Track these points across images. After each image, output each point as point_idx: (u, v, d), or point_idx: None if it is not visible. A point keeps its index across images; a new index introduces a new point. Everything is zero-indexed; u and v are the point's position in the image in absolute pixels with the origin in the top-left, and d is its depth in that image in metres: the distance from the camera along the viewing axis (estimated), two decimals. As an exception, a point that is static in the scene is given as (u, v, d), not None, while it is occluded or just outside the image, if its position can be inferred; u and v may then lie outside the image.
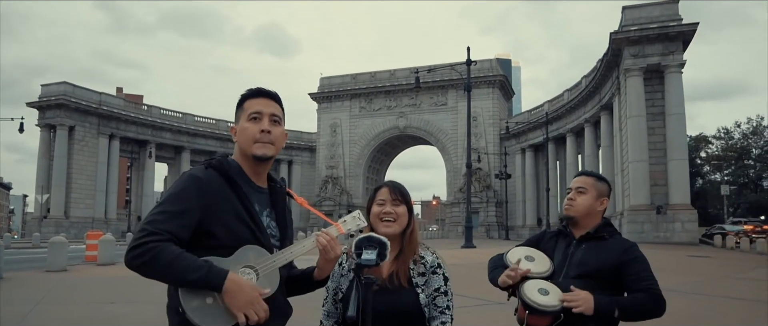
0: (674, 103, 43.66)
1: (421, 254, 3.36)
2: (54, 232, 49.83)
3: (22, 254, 33.28)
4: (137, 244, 2.52)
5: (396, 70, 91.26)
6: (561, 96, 71.66)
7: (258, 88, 3.04)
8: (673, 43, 43.89)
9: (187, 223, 2.66)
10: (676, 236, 41.12)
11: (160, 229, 2.57)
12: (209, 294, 2.57)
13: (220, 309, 2.58)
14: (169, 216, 2.63)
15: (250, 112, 2.95)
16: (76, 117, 67.69)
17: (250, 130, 2.92)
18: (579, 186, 3.82)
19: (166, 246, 2.52)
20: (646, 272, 3.52)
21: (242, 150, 2.96)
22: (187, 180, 2.77)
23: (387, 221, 3.31)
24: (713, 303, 12.68)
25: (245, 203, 2.84)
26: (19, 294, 13.82)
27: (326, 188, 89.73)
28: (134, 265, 2.54)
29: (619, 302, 3.39)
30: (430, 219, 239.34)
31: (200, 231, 2.71)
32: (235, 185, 2.84)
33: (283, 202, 3.14)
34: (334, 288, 3.33)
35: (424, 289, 3.24)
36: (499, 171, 73.28)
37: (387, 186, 3.43)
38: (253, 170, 2.99)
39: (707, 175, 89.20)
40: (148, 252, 2.49)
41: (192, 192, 2.72)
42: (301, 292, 3.14)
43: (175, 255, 2.51)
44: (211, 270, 2.55)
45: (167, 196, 2.72)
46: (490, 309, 10.10)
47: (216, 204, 2.75)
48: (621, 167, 49.92)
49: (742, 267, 22.12)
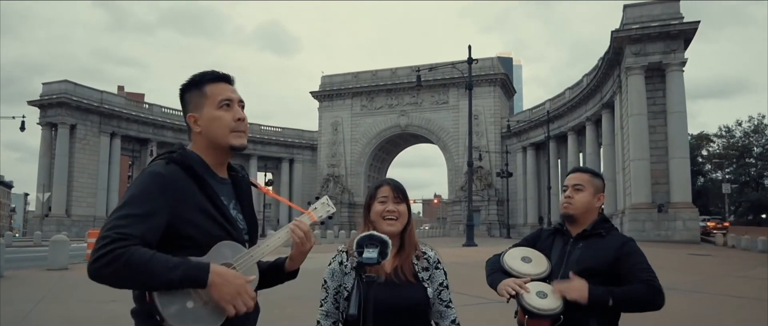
0: (675, 102, 43.65)
1: (423, 250, 3.39)
2: (55, 231, 49.80)
3: (24, 252, 33.28)
4: (102, 254, 2.25)
5: (397, 69, 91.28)
6: (562, 94, 71.60)
7: (217, 72, 2.83)
8: (675, 42, 43.87)
9: (155, 226, 2.42)
10: (678, 234, 41.09)
11: (126, 234, 2.30)
12: (188, 297, 2.38)
13: (202, 311, 2.40)
14: (133, 219, 2.37)
15: (219, 98, 2.74)
16: (77, 115, 67.73)
17: (224, 118, 2.72)
18: (576, 184, 3.78)
19: (135, 249, 2.27)
20: (643, 264, 3.49)
21: (214, 140, 2.73)
22: (148, 178, 2.53)
23: (390, 219, 3.31)
24: (714, 301, 12.68)
25: (212, 198, 2.64)
26: (19, 293, 13.83)
27: (328, 187, 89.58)
28: (102, 276, 2.27)
29: (613, 291, 3.35)
30: (431, 217, 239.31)
31: (171, 232, 2.49)
32: (200, 179, 2.63)
33: (247, 193, 2.94)
34: (336, 287, 3.29)
35: (429, 284, 3.27)
36: (500, 169, 73.27)
37: (388, 184, 3.42)
38: (218, 161, 2.80)
39: (709, 174, 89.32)
40: (116, 260, 2.23)
41: (156, 191, 2.48)
42: (270, 285, 2.95)
43: (148, 257, 2.27)
44: (191, 265, 2.34)
45: (129, 197, 2.47)
46: (491, 307, 10.10)
47: (182, 201, 2.53)
48: (622, 165, 49.89)
49: (743, 266, 22.14)
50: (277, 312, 9.98)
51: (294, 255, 2.86)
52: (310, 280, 5.53)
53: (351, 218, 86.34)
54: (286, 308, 10.41)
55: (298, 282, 3.35)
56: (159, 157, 2.71)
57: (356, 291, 2.98)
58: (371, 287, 2.97)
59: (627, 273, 3.47)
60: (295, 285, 3.39)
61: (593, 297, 3.32)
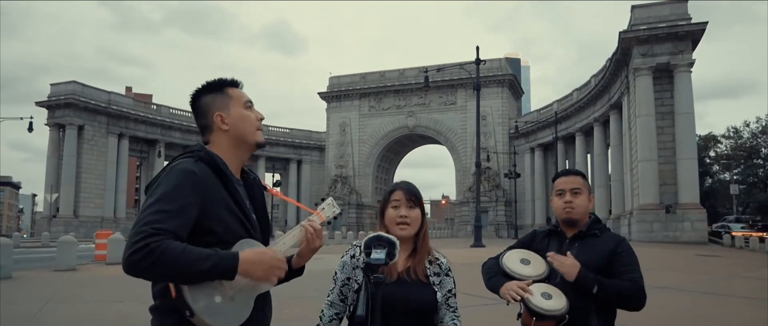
0: (683, 103, 43.61)
1: (436, 256, 3.44)
2: (63, 231, 49.98)
3: (32, 253, 33.35)
4: (139, 248, 2.31)
5: (405, 70, 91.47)
6: (570, 95, 71.59)
7: (234, 79, 2.96)
8: (683, 43, 43.83)
9: (187, 221, 2.49)
10: (686, 235, 41.02)
11: (160, 229, 2.37)
12: (216, 291, 2.44)
13: (230, 305, 2.48)
14: (167, 215, 2.43)
15: (245, 99, 2.89)
16: (85, 116, 67.97)
17: (251, 117, 2.87)
18: (575, 188, 3.80)
19: (169, 243, 2.33)
20: (632, 265, 3.57)
21: (242, 136, 2.86)
22: (180, 175, 2.58)
23: (402, 224, 3.33)
24: (720, 301, 12.65)
25: (236, 196, 2.73)
26: (27, 294, 13.85)
27: (335, 187, 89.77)
28: (139, 269, 2.34)
29: (601, 280, 3.43)
30: (439, 218, 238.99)
31: (197, 228, 2.55)
32: (225, 178, 2.72)
33: (259, 194, 3.01)
34: (344, 279, 3.34)
35: (439, 288, 3.31)
36: (508, 170, 73.16)
37: (402, 188, 3.43)
38: (238, 161, 2.90)
39: (716, 175, 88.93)
40: (152, 253, 2.29)
41: (188, 188, 2.54)
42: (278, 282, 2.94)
43: (181, 250, 2.34)
44: (222, 255, 2.42)
45: (162, 193, 2.51)
46: (496, 309, 10.06)
47: (210, 199, 2.61)
48: (630, 166, 49.84)
49: (751, 266, 22.08)
50: (285, 313, 9.99)
51: (303, 252, 2.89)
52: (315, 280, 5.56)
53: (359, 219, 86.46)
54: (293, 308, 10.42)
55: (303, 282, 3.37)
56: (183, 155, 2.76)
57: (364, 292, 2.99)
58: (379, 288, 2.98)
59: (617, 270, 3.53)
60: (301, 284, 3.41)
61: (580, 278, 3.41)
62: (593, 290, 3.40)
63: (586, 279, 3.41)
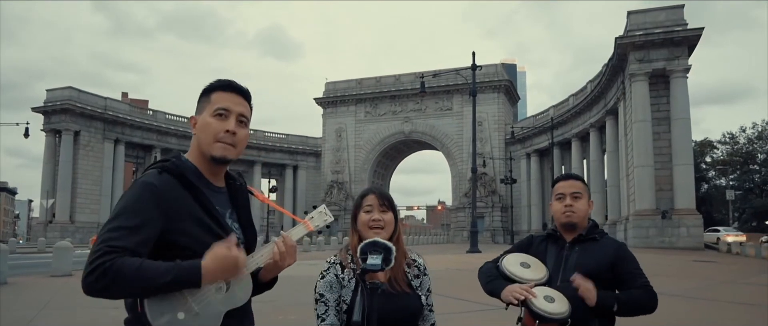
0: (679, 108, 43.68)
1: (412, 257, 3.41)
2: (59, 237, 50.01)
3: (27, 259, 33.32)
4: (93, 268, 2.24)
5: (401, 75, 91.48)
6: (566, 101, 71.67)
7: (230, 82, 2.78)
8: (679, 48, 43.89)
9: (146, 238, 2.40)
10: (682, 241, 41.03)
11: (115, 247, 2.29)
12: (180, 308, 2.36)
13: (193, 321, 2.39)
14: (125, 232, 2.35)
15: (217, 106, 2.68)
16: (81, 122, 67.89)
17: (212, 126, 2.65)
18: (575, 192, 3.78)
19: (124, 259, 2.26)
20: (639, 270, 3.60)
21: (200, 146, 2.69)
22: (140, 189, 2.48)
23: (376, 228, 3.28)
24: (717, 307, 12.67)
25: (207, 207, 2.60)
26: (23, 299, 13.85)
27: (331, 193, 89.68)
28: (96, 290, 2.26)
29: (618, 297, 3.44)
30: (435, 224, 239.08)
31: (162, 243, 2.46)
32: (194, 189, 2.59)
33: (245, 201, 2.90)
34: (335, 299, 3.20)
35: (421, 291, 3.29)
36: (504, 176, 73.26)
37: (373, 193, 3.38)
38: (211, 170, 2.74)
39: (712, 180, 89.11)
40: (108, 272, 2.22)
41: (148, 203, 2.44)
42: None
43: (137, 266, 2.26)
44: (183, 266, 2.33)
45: (120, 209, 2.43)
46: (492, 314, 10.09)
47: (175, 212, 2.49)
48: (626, 172, 49.87)
49: (747, 272, 22.07)
50: (281, 318, 9.99)
51: (269, 267, 2.74)
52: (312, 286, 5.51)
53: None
54: (288, 315, 10.42)
55: (299, 289, 3.37)
56: (152, 166, 2.67)
57: (360, 299, 2.96)
58: (375, 294, 2.97)
59: (626, 278, 3.55)
60: (299, 291, 3.40)
61: (600, 301, 3.39)
62: (614, 308, 3.41)
63: (605, 300, 3.40)
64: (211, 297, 2.44)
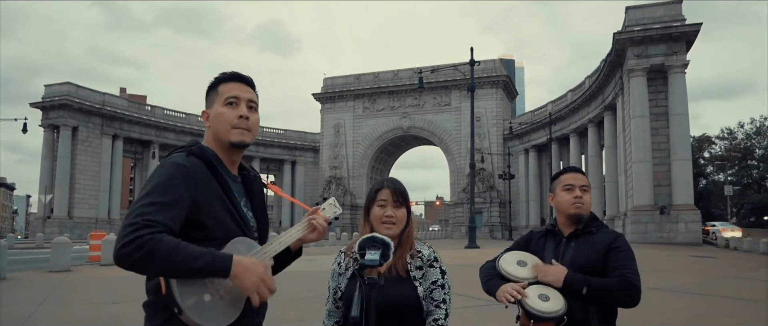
0: (678, 104, 43.75)
1: (418, 248, 3.36)
2: (57, 233, 49.93)
3: (26, 254, 33.31)
4: (130, 239, 2.25)
5: (399, 71, 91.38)
6: (564, 96, 71.69)
7: (233, 72, 2.89)
8: (677, 44, 43.96)
9: (179, 215, 2.44)
10: (680, 236, 41.16)
11: (153, 221, 2.31)
12: (206, 290, 2.41)
13: (219, 304, 2.44)
14: (159, 207, 2.38)
15: (226, 96, 2.79)
16: (79, 117, 67.85)
17: (226, 114, 2.76)
18: (584, 184, 3.78)
19: (162, 237, 2.28)
20: (625, 261, 3.50)
21: (218, 136, 2.78)
22: (172, 168, 2.54)
23: (388, 224, 3.29)
24: (715, 303, 12.66)
25: (228, 192, 2.69)
26: (22, 295, 13.83)
27: (330, 188, 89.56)
28: (131, 261, 2.27)
29: (589, 281, 3.39)
30: (433, 219, 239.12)
31: (189, 223, 2.51)
32: (217, 173, 2.67)
33: (259, 192, 2.98)
34: (334, 287, 3.33)
35: (421, 282, 3.24)
36: (502, 171, 73.19)
37: (388, 187, 3.37)
38: (229, 158, 2.83)
39: (711, 176, 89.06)
40: (145, 246, 2.24)
41: (179, 181, 2.49)
42: (279, 269, 2.90)
43: (175, 244, 2.28)
44: (216, 255, 2.36)
45: (153, 186, 2.47)
46: (491, 309, 10.08)
47: (202, 193, 2.56)
48: (624, 167, 49.88)
49: (745, 268, 22.09)
50: (279, 313, 9.98)
51: (304, 237, 2.88)
52: (311, 281, 5.56)
53: (353, 220, 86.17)
54: (288, 311, 10.41)
55: (298, 284, 3.39)
56: (176, 150, 2.72)
57: (358, 293, 2.98)
58: (373, 289, 2.97)
59: (610, 267, 3.49)
60: (297, 286, 3.42)
61: (568, 282, 3.38)
62: (582, 291, 3.37)
63: (574, 281, 3.38)
64: (233, 285, 2.46)
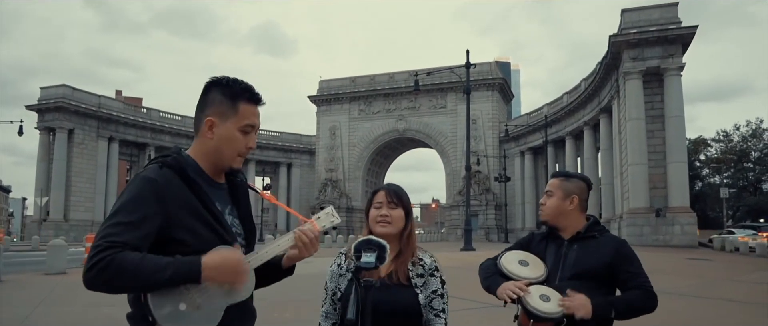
0: (673, 106, 43.73)
1: (420, 256, 3.36)
2: (53, 235, 49.87)
3: (22, 257, 33.23)
4: (94, 263, 2.26)
5: (395, 73, 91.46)
6: (560, 99, 71.61)
7: (254, 92, 2.76)
8: (673, 46, 43.97)
9: (146, 233, 2.42)
10: (676, 239, 41.12)
11: (116, 242, 2.31)
12: (181, 299, 2.39)
13: (195, 314, 2.42)
14: (124, 227, 2.37)
15: (244, 122, 2.70)
16: (75, 120, 67.66)
17: (239, 142, 2.70)
18: (547, 189, 3.88)
19: (124, 255, 2.28)
20: (638, 269, 3.57)
21: (220, 156, 2.72)
22: (141, 184, 2.51)
23: (383, 222, 3.31)
24: (712, 305, 12.68)
25: (206, 203, 2.61)
26: (18, 297, 13.82)
27: (325, 191, 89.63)
28: (97, 284, 2.29)
29: (613, 302, 3.42)
30: (429, 222, 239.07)
31: (163, 238, 2.48)
32: (194, 184, 2.60)
33: (245, 198, 2.91)
34: (333, 288, 3.35)
35: (422, 290, 3.25)
36: (498, 174, 73.13)
37: (384, 189, 3.43)
38: (215, 170, 2.77)
39: (706, 178, 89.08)
40: (108, 267, 2.25)
41: (149, 198, 2.46)
42: (267, 283, 2.89)
43: (139, 260, 2.29)
44: (182, 262, 2.36)
45: (121, 204, 2.45)
46: (488, 312, 10.10)
47: (176, 207, 2.51)
48: (620, 170, 49.93)
49: (742, 270, 22.13)
50: (275, 315, 9.99)
51: (292, 255, 2.79)
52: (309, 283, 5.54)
53: (349, 222, 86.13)
54: (283, 312, 10.41)
55: (293, 286, 3.37)
56: (153, 161, 2.69)
57: (354, 296, 2.98)
58: (369, 291, 2.98)
59: (624, 278, 3.53)
60: (296, 288, 3.42)
61: (597, 312, 3.35)
62: (611, 315, 3.40)
63: (601, 309, 3.37)
64: (213, 291, 2.46)
